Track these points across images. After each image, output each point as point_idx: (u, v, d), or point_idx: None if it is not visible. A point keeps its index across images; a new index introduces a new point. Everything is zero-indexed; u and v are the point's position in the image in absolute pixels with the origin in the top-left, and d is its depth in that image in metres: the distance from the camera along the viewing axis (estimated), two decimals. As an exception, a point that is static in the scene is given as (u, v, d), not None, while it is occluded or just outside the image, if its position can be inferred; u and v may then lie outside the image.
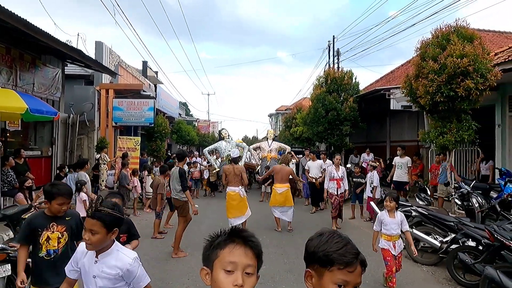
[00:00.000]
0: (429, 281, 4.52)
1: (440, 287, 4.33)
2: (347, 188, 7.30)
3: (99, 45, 12.88)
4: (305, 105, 19.12)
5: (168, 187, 6.77)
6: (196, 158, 14.00)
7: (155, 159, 13.04)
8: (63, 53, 8.99)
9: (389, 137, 14.47)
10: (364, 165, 10.34)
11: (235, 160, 6.65)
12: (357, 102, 12.30)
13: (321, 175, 8.75)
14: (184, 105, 34.24)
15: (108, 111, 12.20)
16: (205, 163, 12.71)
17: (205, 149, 12.71)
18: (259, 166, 12.09)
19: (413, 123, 12.76)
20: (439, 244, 4.95)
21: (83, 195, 6.01)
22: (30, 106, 5.85)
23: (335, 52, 16.76)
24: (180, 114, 22.27)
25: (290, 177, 7.36)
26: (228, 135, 12.22)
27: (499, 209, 5.34)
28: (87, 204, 6.12)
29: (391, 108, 11.53)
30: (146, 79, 19.84)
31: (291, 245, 5.97)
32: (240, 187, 6.28)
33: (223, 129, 12.55)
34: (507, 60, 6.86)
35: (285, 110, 34.23)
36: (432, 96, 6.17)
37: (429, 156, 10.65)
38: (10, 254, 3.15)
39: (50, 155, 10.19)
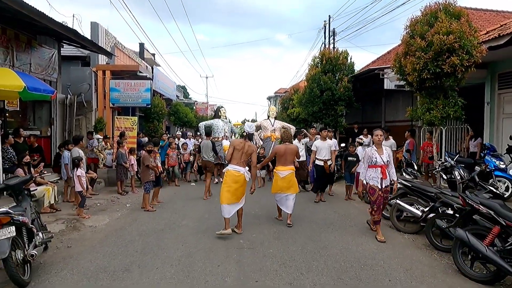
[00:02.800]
0: (409, 246, 4.80)
1: (419, 251, 4.60)
2: (395, 179, 5.08)
3: (94, 26, 12.87)
4: (302, 86, 19.19)
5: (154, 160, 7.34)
6: (190, 139, 12.80)
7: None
8: (58, 33, 9.05)
9: (384, 117, 14.63)
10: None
11: (250, 137, 5.58)
12: (352, 82, 12.41)
13: (330, 157, 7.52)
14: (182, 88, 34.20)
15: (105, 92, 12.32)
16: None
17: (201, 123, 11.65)
18: (260, 148, 10.61)
19: (407, 103, 12.86)
20: (420, 214, 5.21)
21: (79, 171, 6.26)
22: (28, 84, 6.01)
23: (331, 32, 16.70)
24: (177, 97, 22.33)
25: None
26: (226, 116, 11.11)
27: (477, 179, 5.58)
28: (82, 180, 6.39)
29: (385, 87, 11.68)
30: (143, 61, 19.83)
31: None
32: (246, 168, 5.23)
33: (222, 107, 11.17)
34: (496, 37, 6.98)
35: (284, 92, 34.24)
36: (419, 73, 6.33)
37: (421, 134, 10.87)
38: (14, 218, 3.39)
39: (49, 135, 10.39)
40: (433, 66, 6.13)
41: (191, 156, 10.91)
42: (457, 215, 4.50)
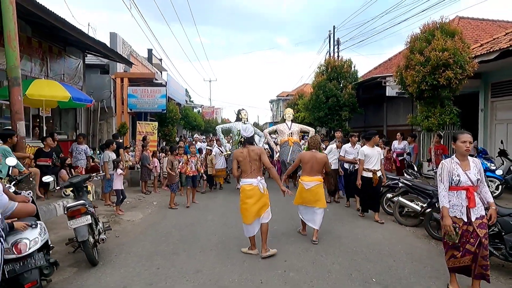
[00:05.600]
0: (410, 236, 5.57)
1: (419, 240, 5.37)
2: (491, 200, 3.48)
3: (113, 36, 13.73)
4: (307, 91, 20.02)
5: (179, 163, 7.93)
6: (198, 142, 12.25)
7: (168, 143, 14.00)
8: (85, 44, 9.88)
9: (386, 121, 15.39)
10: (394, 155, 9.30)
11: (250, 140, 4.70)
12: (356, 89, 13.24)
13: (379, 167, 6.38)
14: (186, 91, 35.11)
15: (123, 98, 13.14)
16: (216, 149, 10.03)
17: (218, 126, 10.97)
18: (278, 153, 9.98)
19: (407, 108, 13.66)
20: (419, 209, 5.98)
21: (119, 170, 7.05)
22: (73, 95, 6.81)
23: (335, 42, 17.57)
24: (186, 101, 23.15)
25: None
26: (247, 119, 10.16)
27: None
28: (122, 177, 7.19)
29: (387, 94, 12.46)
30: (153, 66, 20.70)
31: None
32: (259, 177, 4.52)
33: (242, 109, 10.17)
34: (487, 52, 7.78)
35: (286, 96, 35.04)
36: (418, 84, 7.13)
37: (421, 138, 11.65)
38: (88, 208, 4.18)
39: (75, 139, 11.19)
40: (431, 79, 6.93)
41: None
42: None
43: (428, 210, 5.71)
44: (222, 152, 9.92)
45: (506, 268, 4.27)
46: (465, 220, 3.34)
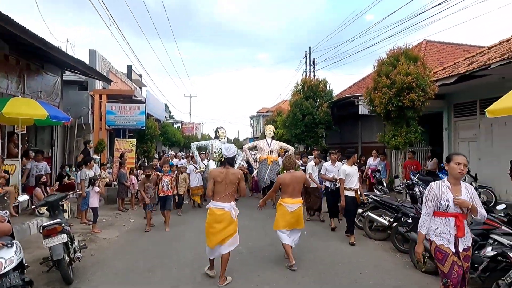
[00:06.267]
0: (378, 249, 5.88)
1: (386, 253, 5.68)
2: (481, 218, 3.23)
3: (92, 53, 13.78)
4: (285, 108, 20.54)
5: (149, 184, 7.18)
6: (174, 159, 12.10)
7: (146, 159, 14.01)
8: (64, 62, 9.92)
9: (360, 138, 16.00)
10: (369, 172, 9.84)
11: (231, 161, 4.43)
12: (331, 107, 13.79)
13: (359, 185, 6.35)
14: (166, 107, 35.10)
15: (101, 115, 13.12)
16: (191, 166, 9.87)
17: (193, 143, 10.50)
18: (256, 170, 9.86)
19: (380, 126, 14.24)
20: (387, 223, 6.32)
21: (96, 188, 7.07)
22: (50, 113, 6.85)
23: (311, 62, 18.30)
24: (166, 117, 23.19)
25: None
26: (225, 136, 9.78)
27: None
28: (99, 195, 7.20)
29: (360, 113, 13.04)
30: (132, 82, 20.73)
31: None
32: (232, 203, 4.28)
33: (221, 127, 9.86)
34: (447, 76, 8.41)
35: (266, 112, 35.63)
36: (385, 105, 7.63)
37: (391, 154, 12.20)
38: (64, 227, 4.25)
39: (50, 156, 11.04)
40: (396, 101, 7.44)
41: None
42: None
43: (394, 224, 6.06)
44: (197, 169, 9.65)
45: None
46: (453, 250, 2.99)
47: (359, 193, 6.20)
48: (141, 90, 23.85)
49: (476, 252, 3.98)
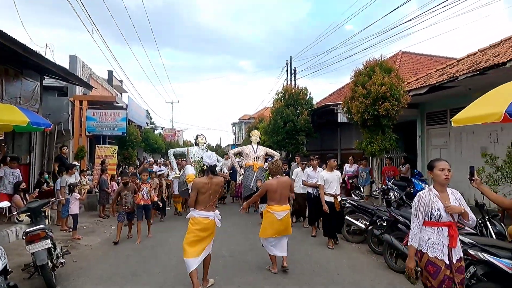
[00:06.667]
0: (355, 252, 6.15)
1: (362, 255, 5.95)
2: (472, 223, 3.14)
3: (73, 59, 13.64)
4: (267, 115, 20.86)
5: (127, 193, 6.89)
6: (160, 166, 11.65)
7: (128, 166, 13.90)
8: (43, 68, 9.83)
9: (340, 145, 16.45)
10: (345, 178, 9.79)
11: (213, 169, 4.36)
12: (311, 115, 14.17)
13: (339, 191, 6.45)
14: (147, 113, 34.82)
15: (82, 121, 12.98)
16: (172, 173, 9.71)
17: (170, 150, 10.05)
18: (241, 176, 9.66)
19: (359, 133, 14.72)
20: (364, 227, 6.61)
21: (76, 195, 7.05)
22: (31, 119, 6.80)
23: (292, 71, 18.73)
24: (147, 123, 23.05)
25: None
26: (204, 143, 9.34)
27: (405, 198, 7.18)
28: (79, 202, 7.18)
29: (339, 121, 13.45)
30: (113, 88, 20.55)
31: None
32: (216, 211, 4.36)
33: (201, 134, 9.48)
34: (420, 86, 8.89)
35: (248, 119, 35.92)
36: (362, 114, 8.00)
37: (369, 161, 12.64)
38: (47, 233, 4.28)
39: (28, 163, 10.84)
40: (372, 110, 7.83)
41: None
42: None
43: (370, 227, 6.35)
44: (175, 175, 9.37)
45: None
46: (447, 262, 2.81)
47: (339, 199, 6.26)
48: (122, 96, 23.64)
49: None
